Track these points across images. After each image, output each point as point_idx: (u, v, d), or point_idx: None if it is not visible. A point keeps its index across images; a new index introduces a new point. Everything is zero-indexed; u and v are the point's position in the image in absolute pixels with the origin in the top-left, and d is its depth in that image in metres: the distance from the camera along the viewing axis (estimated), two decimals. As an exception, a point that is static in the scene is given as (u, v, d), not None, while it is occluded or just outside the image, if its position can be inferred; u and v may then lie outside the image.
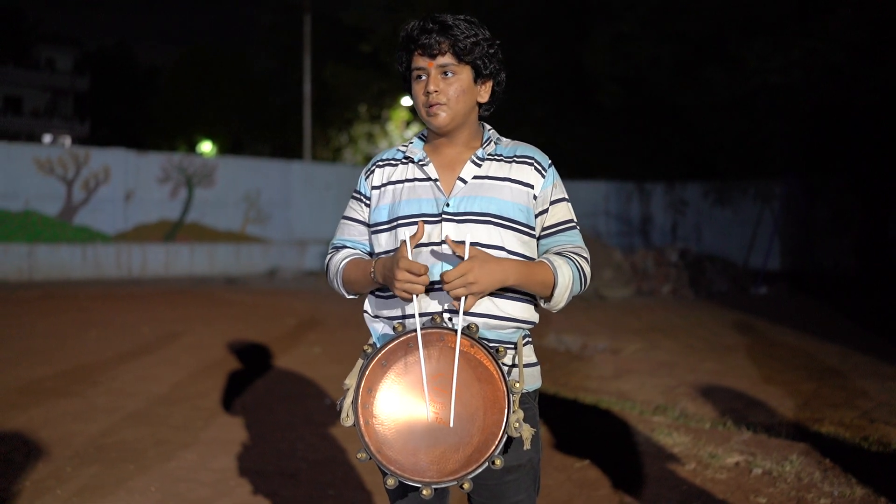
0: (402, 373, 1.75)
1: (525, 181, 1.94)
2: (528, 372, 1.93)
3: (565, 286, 1.86)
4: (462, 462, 1.68)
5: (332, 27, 31.73)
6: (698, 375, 6.80)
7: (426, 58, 1.91)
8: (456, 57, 1.90)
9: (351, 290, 2.04)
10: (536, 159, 1.97)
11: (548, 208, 1.95)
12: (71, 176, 16.32)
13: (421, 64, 1.92)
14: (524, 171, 1.95)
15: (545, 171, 1.97)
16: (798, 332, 9.30)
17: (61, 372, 6.64)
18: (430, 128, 1.98)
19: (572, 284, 1.88)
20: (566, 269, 1.87)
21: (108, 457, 4.42)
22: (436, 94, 1.90)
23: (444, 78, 1.91)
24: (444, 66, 1.90)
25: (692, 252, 15.75)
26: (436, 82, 1.90)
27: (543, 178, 1.95)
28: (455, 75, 1.91)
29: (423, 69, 1.92)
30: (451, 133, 1.97)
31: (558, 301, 1.88)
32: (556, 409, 5.57)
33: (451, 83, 1.91)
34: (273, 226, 19.10)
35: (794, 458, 4.33)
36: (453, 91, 1.91)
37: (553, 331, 9.02)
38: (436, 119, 1.92)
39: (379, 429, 1.72)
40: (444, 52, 1.90)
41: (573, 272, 1.88)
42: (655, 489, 3.98)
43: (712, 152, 21.53)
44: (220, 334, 8.78)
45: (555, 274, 1.85)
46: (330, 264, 2.08)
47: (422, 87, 1.93)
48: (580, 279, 1.90)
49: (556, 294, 1.86)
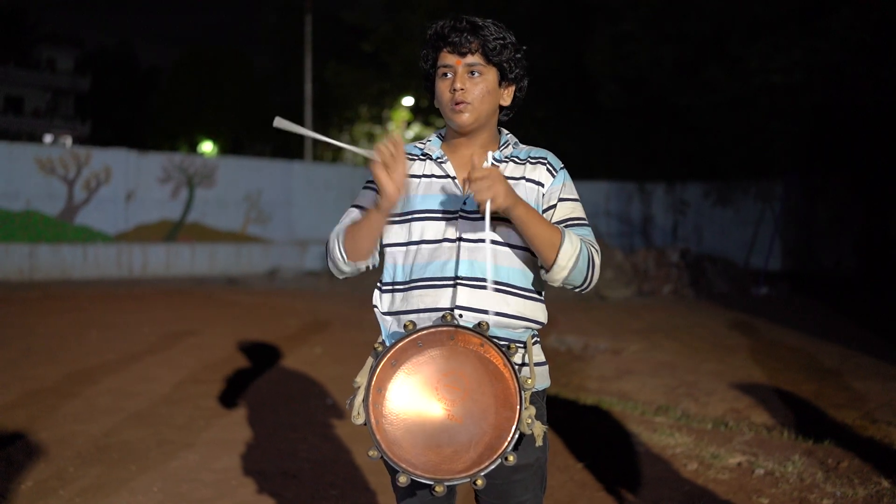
0: (412, 372, 1.75)
1: (536, 180, 1.96)
2: (538, 371, 1.94)
3: (571, 252, 1.81)
4: (474, 459, 1.68)
5: (333, 27, 31.78)
6: (700, 376, 6.80)
7: (455, 55, 1.91)
8: (484, 57, 1.91)
9: (353, 246, 1.92)
10: (549, 160, 2.00)
11: (555, 204, 1.95)
12: (72, 176, 16.32)
13: (449, 61, 1.92)
14: (536, 170, 1.97)
15: (556, 171, 1.98)
16: (799, 333, 9.29)
17: (62, 372, 6.63)
18: (451, 126, 1.98)
19: (579, 256, 1.82)
20: (575, 238, 1.84)
21: (110, 457, 4.42)
22: (462, 93, 1.90)
23: (471, 77, 1.91)
24: (472, 65, 1.91)
25: (693, 252, 15.74)
26: (463, 80, 1.90)
27: (553, 178, 1.97)
28: (482, 75, 1.92)
29: (450, 67, 1.92)
30: (471, 133, 1.98)
31: (562, 266, 1.81)
32: (558, 409, 5.56)
33: (478, 83, 1.92)
34: (274, 226, 19.09)
35: (796, 458, 4.33)
36: (479, 91, 1.91)
37: (554, 331, 9.02)
38: (460, 117, 1.92)
39: (389, 428, 1.72)
40: (473, 52, 1.90)
41: (581, 246, 1.84)
42: (657, 490, 3.98)
43: (713, 152, 21.51)
44: (222, 335, 8.78)
45: (562, 234, 1.82)
46: (331, 236, 1.98)
47: (447, 85, 1.93)
48: (588, 261, 1.85)
49: (560, 257, 1.80)
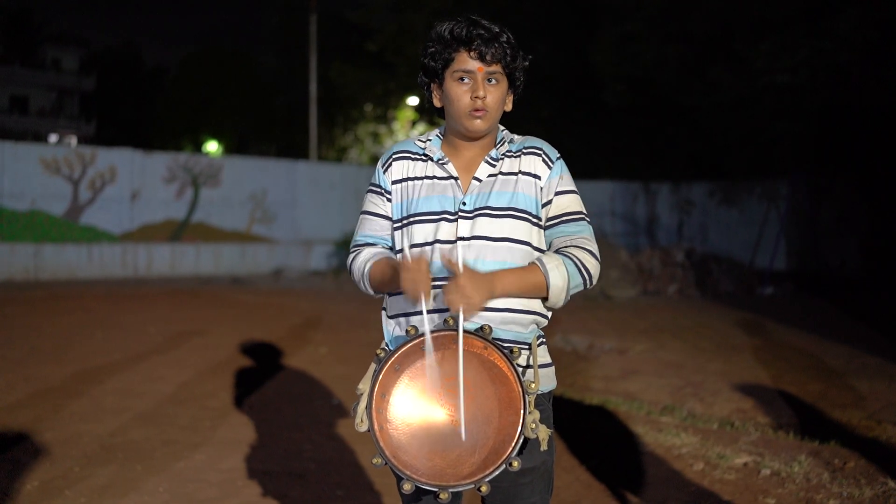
0: (415, 376, 1.74)
1: (532, 172, 1.96)
2: (543, 372, 1.93)
3: (560, 287, 1.86)
4: (479, 465, 1.67)
5: (338, 27, 31.77)
6: (705, 376, 6.79)
7: (478, 62, 1.91)
8: (504, 66, 1.93)
9: (381, 290, 2.01)
10: (544, 150, 2.00)
11: (552, 199, 1.96)
12: (77, 176, 16.34)
13: (471, 67, 1.91)
14: (532, 161, 1.97)
15: (552, 162, 1.98)
16: (804, 333, 9.26)
17: (68, 372, 6.64)
18: (462, 130, 1.97)
19: (568, 283, 1.86)
20: (561, 269, 1.86)
21: (116, 457, 4.42)
22: (483, 101, 1.90)
23: (489, 85, 1.92)
24: (493, 73, 1.92)
25: (698, 252, 15.72)
26: (485, 88, 1.91)
27: (550, 170, 1.97)
28: (498, 84, 1.93)
29: (471, 72, 1.91)
30: (479, 138, 1.99)
31: (556, 302, 1.89)
32: (563, 409, 5.55)
33: (495, 91, 1.93)
34: (279, 226, 19.10)
35: (802, 458, 4.32)
36: (496, 99, 1.93)
37: (559, 331, 9.01)
38: (476, 124, 1.92)
39: (394, 433, 1.71)
40: (496, 60, 1.91)
41: (568, 270, 1.86)
42: (663, 490, 3.97)
43: (718, 152, 21.46)
44: (227, 334, 8.78)
45: (546, 277, 1.85)
46: (353, 267, 2.03)
47: (466, 90, 1.92)
48: (581, 275, 1.88)
49: (552, 296, 1.87)
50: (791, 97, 18.13)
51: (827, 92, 17.51)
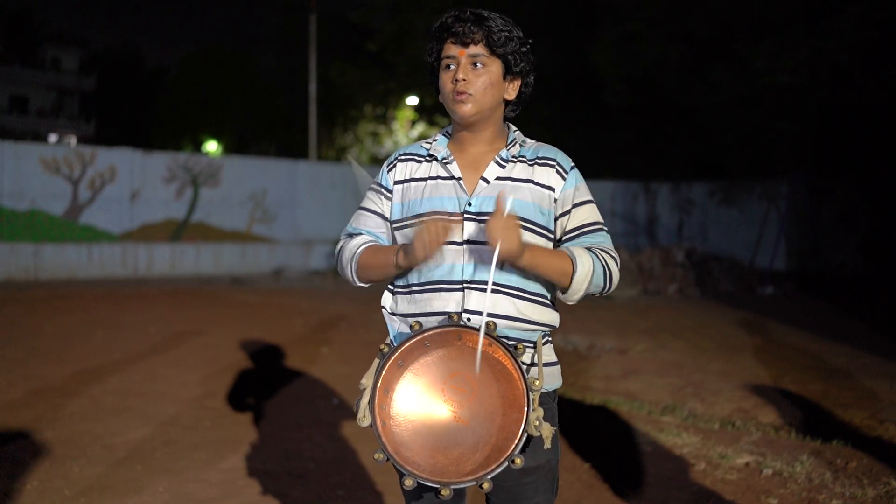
0: (418, 373, 1.73)
1: (546, 184, 1.92)
2: (548, 371, 1.91)
3: (584, 275, 1.83)
4: (481, 462, 1.66)
5: (338, 27, 31.76)
6: (706, 375, 6.78)
7: (458, 46, 1.89)
8: (488, 48, 1.89)
9: (365, 276, 1.99)
10: (558, 161, 1.96)
11: (570, 210, 1.93)
12: (77, 175, 16.32)
13: (452, 52, 1.90)
14: (546, 173, 1.94)
15: (566, 173, 1.95)
16: (805, 333, 9.26)
17: (68, 372, 6.63)
18: (454, 118, 1.96)
19: (592, 275, 1.84)
20: (587, 259, 1.84)
21: (116, 457, 4.41)
22: (464, 83, 1.88)
23: (474, 69, 1.90)
24: (476, 56, 1.89)
25: (698, 252, 15.71)
26: (465, 71, 1.89)
27: (564, 181, 1.94)
28: (485, 67, 1.90)
29: (453, 58, 1.90)
30: (475, 127, 1.96)
31: (576, 290, 1.85)
32: (564, 409, 5.52)
33: (480, 74, 1.90)
34: (279, 225, 19.09)
35: (804, 458, 4.31)
36: (481, 83, 1.90)
37: (560, 331, 8.99)
38: (461, 108, 1.90)
39: (396, 430, 1.70)
40: (476, 42, 1.88)
41: (594, 264, 1.85)
42: (665, 490, 3.96)
43: (719, 152, 21.46)
44: (227, 334, 8.77)
45: (573, 260, 1.83)
46: (344, 249, 2.02)
47: (450, 76, 1.91)
48: (604, 274, 1.87)
49: (574, 283, 1.83)
50: (791, 97, 18.13)
51: (827, 92, 17.52)
